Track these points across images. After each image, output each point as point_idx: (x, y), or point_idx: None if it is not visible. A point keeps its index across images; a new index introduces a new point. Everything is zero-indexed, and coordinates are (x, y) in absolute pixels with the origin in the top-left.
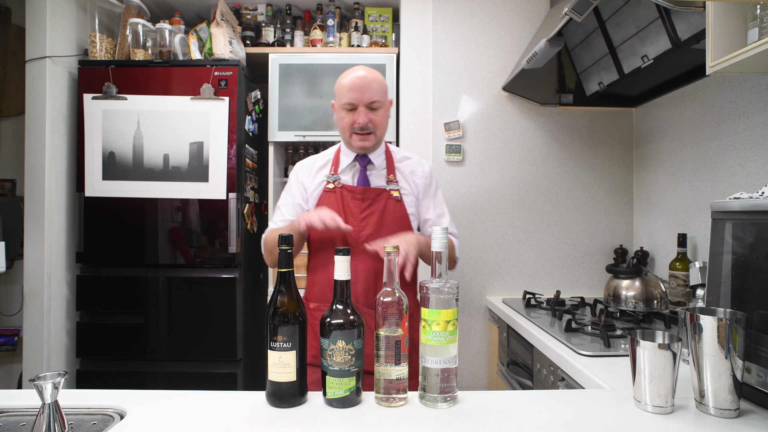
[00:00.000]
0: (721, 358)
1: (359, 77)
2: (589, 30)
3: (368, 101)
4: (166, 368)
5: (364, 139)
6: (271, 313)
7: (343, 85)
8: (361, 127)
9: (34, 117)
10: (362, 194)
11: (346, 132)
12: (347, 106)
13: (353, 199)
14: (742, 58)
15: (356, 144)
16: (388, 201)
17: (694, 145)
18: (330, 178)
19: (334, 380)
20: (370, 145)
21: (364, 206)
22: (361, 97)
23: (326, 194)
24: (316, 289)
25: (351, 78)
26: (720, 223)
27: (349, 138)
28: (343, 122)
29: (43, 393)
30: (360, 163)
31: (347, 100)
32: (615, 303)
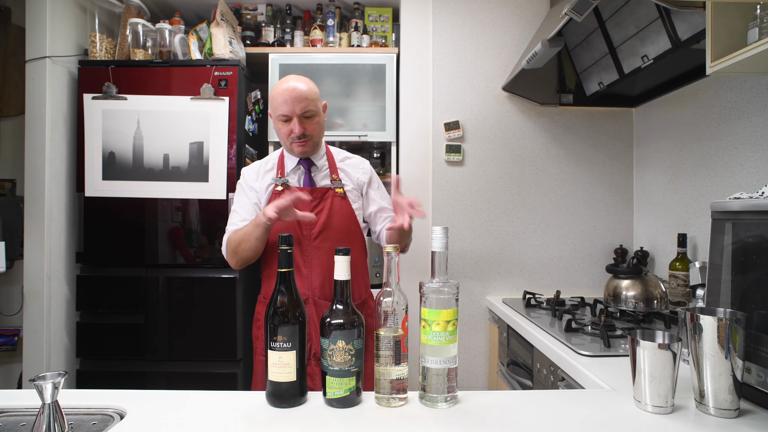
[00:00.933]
0: (721, 358)
1: (290, 89)
2: (589, 30)
3: (301, 112)
4: (166, 368)
5: (302, 145)
6: (271, 313)
7: (276, 98)
8: (298, 136)
9: (34, 117)
10: (310, 193)
11: (285, 141)
12: (282, 117)
13: None
14: (742, 58)
15: (296, 150)
16: (334, 198)
17: (694, 145)
18: (277, 181)
19: (334, 380)
20: (309, 150)
21: (312, 205)
22: (294, 109)
23: (275, 196)
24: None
25: (283, 90)
26: (720, 223)
27: (290, 146)
28: (281, 132)
29: (43, 393)
30: (303, 165)
31: (281, 113)
32: (615, 303)
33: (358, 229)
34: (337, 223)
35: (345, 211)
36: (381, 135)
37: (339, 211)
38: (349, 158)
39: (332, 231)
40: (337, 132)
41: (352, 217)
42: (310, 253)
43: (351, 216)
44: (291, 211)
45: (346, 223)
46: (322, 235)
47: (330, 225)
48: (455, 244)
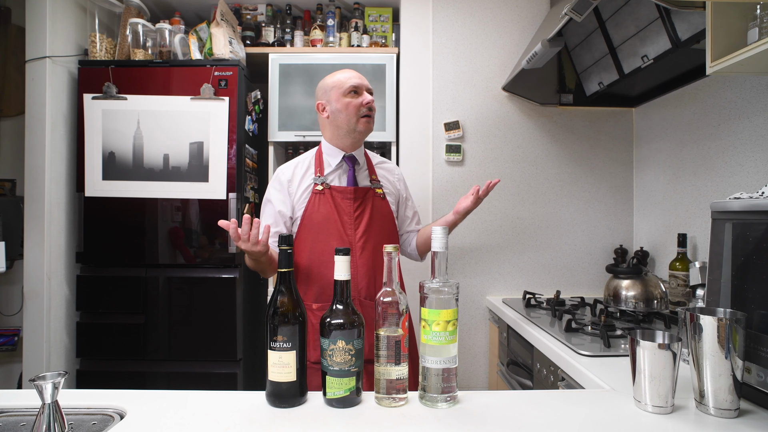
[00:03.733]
0: (721, 358)
1: (350, 70)
2: (589, 30)
3: (367, 86)
4: (166, 368)
5: (369, 121)
6: (271, 313)
7: (340, 78)
8: (370, 107)
9: (34, 117)
10: (353, 194)
11: (352, 117)
12: (352, 88)
13: (345, 199)
14: (742, 58)
15: (364, 127)
16: (375, 199)
17: (694, 145)
18: (317, 180)
19: (334, 380)
20: (373, 128)
21: (356, 205)
22: (362, 82)
23: (316, 196)
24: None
25: (345, 71)
26: (720, 223)
27: (355, 123)
28: (349, 108)
29: (43, 393)
30: (348, 162)
31: (352, 84)
32: (615, 303)
33: (396, 231)
34: (379, 223)
35: (385, 212)
36: (381, 135)
37: (380, 211)
38: (385, 162)
39: (375, 231)
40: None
41: (392, 218)
42: (355, 254)
43: (390, 217)
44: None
45: (387, 225)
46: (366, 236)
47: (373, 225)
48: (455, 244)
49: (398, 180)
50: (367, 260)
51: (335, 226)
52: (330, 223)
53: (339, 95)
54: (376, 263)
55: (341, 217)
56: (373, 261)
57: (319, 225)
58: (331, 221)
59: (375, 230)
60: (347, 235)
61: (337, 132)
